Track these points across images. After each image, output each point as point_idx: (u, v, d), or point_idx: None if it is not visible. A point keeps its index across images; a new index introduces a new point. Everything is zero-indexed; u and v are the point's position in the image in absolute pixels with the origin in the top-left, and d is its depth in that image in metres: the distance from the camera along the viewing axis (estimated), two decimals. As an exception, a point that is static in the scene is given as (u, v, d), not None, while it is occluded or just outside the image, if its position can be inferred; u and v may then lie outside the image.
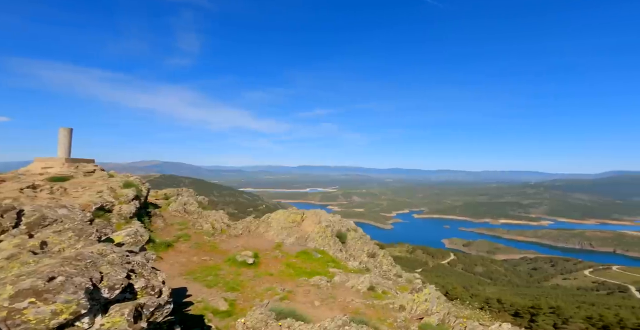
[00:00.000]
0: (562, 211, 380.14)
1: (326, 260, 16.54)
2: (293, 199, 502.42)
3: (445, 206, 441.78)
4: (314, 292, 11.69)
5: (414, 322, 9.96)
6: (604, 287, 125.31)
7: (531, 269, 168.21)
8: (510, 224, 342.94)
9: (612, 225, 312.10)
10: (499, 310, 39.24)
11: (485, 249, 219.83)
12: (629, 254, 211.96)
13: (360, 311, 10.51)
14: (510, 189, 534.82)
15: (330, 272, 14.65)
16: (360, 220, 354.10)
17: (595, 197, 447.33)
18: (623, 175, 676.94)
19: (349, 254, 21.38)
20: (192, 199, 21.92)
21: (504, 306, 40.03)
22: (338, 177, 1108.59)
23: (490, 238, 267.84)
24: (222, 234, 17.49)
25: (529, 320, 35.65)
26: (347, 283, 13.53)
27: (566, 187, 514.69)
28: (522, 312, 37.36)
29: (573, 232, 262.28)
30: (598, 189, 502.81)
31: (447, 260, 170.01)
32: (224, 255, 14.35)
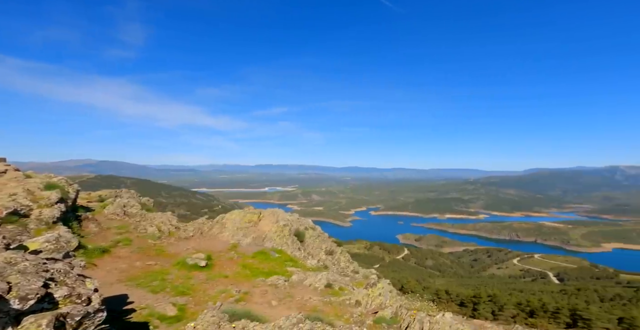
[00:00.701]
0: (495, 205, 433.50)
1: (284, 259, 16.41)
2: (251, 199, 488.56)
3: (399, 203, 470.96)
4: (271, 292, 11.52)
5: (369, 316, 10.31)
6: (529, 274, 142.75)
7: (472, 260, 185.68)
8: (454, 219, 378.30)
9: (533, 217, 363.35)
10: (447, 300, 43.15)
11: (434, 243, 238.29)
12: (547, 243, 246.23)
13: (318, 309, 10.60)
14: (454, 185, 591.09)
15: (288, 272, 14.56)
16: (319, 219, 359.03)
17: (521, 192, 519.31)
18: (542, 172, 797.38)
19: (307, 252, 21.52)
20: (134, 200, 19.88)
21: (451, 297, 44.02)
22: (297, 176, 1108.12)
23: (438, 232, 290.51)
24: (170, 237, 16.20)
25: (472, 309, 39.74)
26: (305, 281, 13.59)
27: (499, 183, 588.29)
28: (466, 302, 41.50)
29: (504, 224, 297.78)
30: (523, 185, 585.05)
31: (402, 255, 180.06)
32: (172, 259, 13.33)
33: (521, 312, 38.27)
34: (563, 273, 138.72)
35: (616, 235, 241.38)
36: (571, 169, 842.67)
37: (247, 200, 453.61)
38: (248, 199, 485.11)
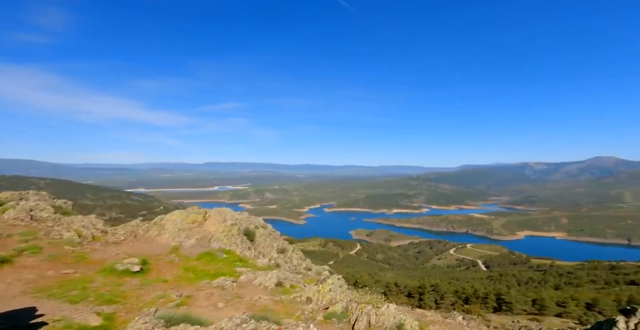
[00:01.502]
0: (435, 199, 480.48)
1: (233, 259, 15.66)
2: (199, 199, 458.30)
3: (351, 199, 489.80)
4: (217, 294, 10.91)
5: (320, 312, 10.41)
6: (463, 263, 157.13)
7: (417, 252, 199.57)
8: (400, 213, 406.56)
9: (465, 210, 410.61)
10: (397, 292, 46.27)
11: (384, 238, 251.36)
12: (475, 233, 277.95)
13: (268, 308, 10.42)
14: (400, 181, 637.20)
15: (237, 272, 13.96)
16: (273, 218, 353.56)
17: (454, 186, 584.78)
18: (470, 168, 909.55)
19: (258, 251, 20.95)
20: (45, 203, 16.87)
21: (400, 288, 47.38)
22: (249, 174, 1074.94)
23: (386, 227, 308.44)
24: (94, 242, 14.15)
25: (418, 299, 43.28)
26: (254, 281, 13.19)
27: (437, 179, 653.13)
28: (413, 293, 45.10)
29: (441, 217, 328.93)
30: (456, 180, 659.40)
31: (355, 250, 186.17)
32: (97, 266, 11.69)
33: (458, 299, 42.63)
34: (489, 261, 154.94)
35: (527, 224, 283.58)
36: (491, 165, 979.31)
37: (195, 200, 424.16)
38: (195, 198, 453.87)
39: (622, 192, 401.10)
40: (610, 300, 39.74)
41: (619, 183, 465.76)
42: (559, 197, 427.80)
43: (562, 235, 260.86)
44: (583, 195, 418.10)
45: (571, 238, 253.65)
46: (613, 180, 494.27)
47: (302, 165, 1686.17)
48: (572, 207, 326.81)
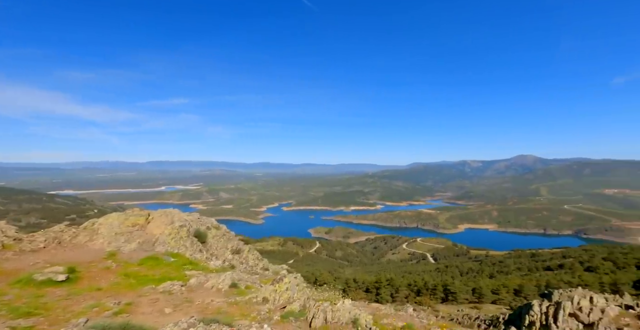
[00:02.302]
0: (388, 196, 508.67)
1: (182, 263, 14.63)
2: (143, 200, 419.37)
3: (309, 198, 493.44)
4: (164, 300, 10.12)
5: (277, 312, 10.41)
6: (414, 257, 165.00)
7: (373, 248, 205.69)
8: (357, 210, 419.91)
9: (415, 206, 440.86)
10: (355, 288, 47.79)
11: (342, 235, 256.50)
12: (424, 228, 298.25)
13: (222, 310, 10.07)
14: (356, 179, 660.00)
15: (187, 276, 13.10)
16: (229, 218, 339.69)
17: (406, 183, 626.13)
18: (421, 166, 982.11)
19: (211, 253, 19.91)
20: None
21: (359, 284, 49.06)
22: (202, 173, 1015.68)
23: (344, 224, 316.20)
24: (5, 251, 11.98)
25: (375, 294, 45.18)
26: (206, 284, 12.57)
27: (390, 176, 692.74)
28: (370, 288, 46.95)
29: (394, 213, 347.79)
30: (407, 177, 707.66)
31: (314, 248, 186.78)
32: (10, 277, 9.94)
33: (411, 292, 45.45)
34: (436, 253, 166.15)
35: (466, 218, 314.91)
36: (437, 163, 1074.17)
37: (138, 201, 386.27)
38: (139, 200, 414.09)
39: (539, 186, 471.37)
40: (533, 286, 45.08)
41: (537, 179, 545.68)
42: (491, 192, 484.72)
43: (493, 227, 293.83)
44: (509, 190, 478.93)
45: (500, 229, 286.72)
46: (532, 176, 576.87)
47: (259, 164, 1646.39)
48: (501, 201, 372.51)
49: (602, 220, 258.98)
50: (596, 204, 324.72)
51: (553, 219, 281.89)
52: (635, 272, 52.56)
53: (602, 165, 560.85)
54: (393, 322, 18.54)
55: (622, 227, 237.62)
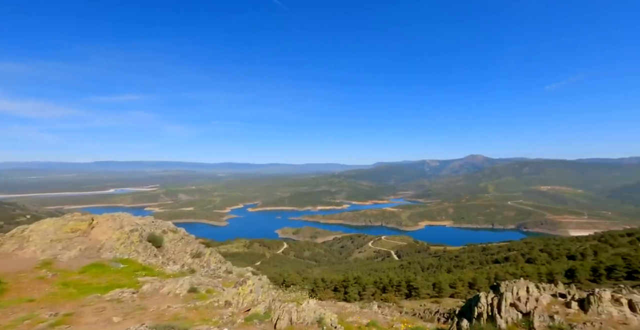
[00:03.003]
0: (354, 195, 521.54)
1: (133, 269, 13.49)
2: (87, 204, 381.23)
3: (276, 198, 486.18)
4: (112, 308, 9.30)
5: (240, 315, 10.21)
6: (380, 255, 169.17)
7: (340, 247, 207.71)
8: (324, 210, 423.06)
9: (379, 204, 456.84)
10: (324, 288, 47.92)
11: (310, 235, 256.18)
12: (388, 226, 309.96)
13: (180, 316, 9.57)
14: (323, 179, 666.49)
15: (139, 282, 12.12)
16: (190, 220, 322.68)
17: (371, 183, 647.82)
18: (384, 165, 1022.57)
19: (168, 258, 18.66)
20: None
21: (327, 284, 49.23)
22: (158, 173, 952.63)
23: (312, 224, 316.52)
24: None
25: (343, 293, 45.78)
26: (162, 290, 11.79)
27: (356, 176, 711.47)
28: (339, 287, 47.39)
29: (360, 212, 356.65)
30: (372, 177, 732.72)
31: (282, 249, 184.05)
32: None
33: (377, 289, 46.73)
34: (400, 250, 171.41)
35: (426, 215, 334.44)
36: (400, 163, 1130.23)
37: (81, 205, 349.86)
38: (82, 204, 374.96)
39: (487, 184, 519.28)
40: (484, 279, 48.55)
41: (485, 177, 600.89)
42: (447, 190, 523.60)
43: (450, 224, 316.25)
44: (463, 188, 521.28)
45: (456, 225, 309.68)
46: (481, 175, 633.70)
47: (222, 164, 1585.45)
48: (455, 199, 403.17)
49: (538, 215, 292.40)
50: (533, 200, 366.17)
51: (499, 215, 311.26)
52: (566, 262, 58.87)
53: (537, 164, 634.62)
54: (358, 320, 19.08)
55: (554, 221, 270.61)
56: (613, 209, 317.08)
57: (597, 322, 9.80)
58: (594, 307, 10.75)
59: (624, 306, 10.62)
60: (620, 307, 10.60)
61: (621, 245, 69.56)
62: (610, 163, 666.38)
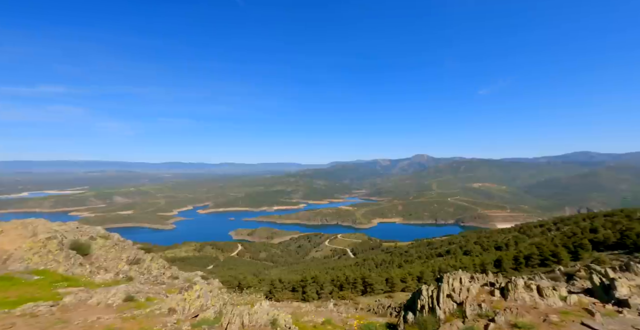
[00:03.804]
0: (310, 195, 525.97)
1: (52, 280, 11.61)
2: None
3: (229, 199, 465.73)
4: (25, 324, 8.06)
5: (187, 321, 9.77)
6: (336, 253, 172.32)
7: (297, 247, 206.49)
8: (281, 210, 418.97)
9: (335, 203, 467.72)
10: (282, 288, 46.93)
11: (266, 235, 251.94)
12: (344, 224, 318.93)
13: (114, 327, 8.84)
14: (279, 178, 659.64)
15: (60, 294, 10.49)
16: (128, 225, 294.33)
17: (327, 182, 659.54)
18: (340, 165, 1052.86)
19: (98, 266, 16.53)
20: None
21: (285, 284, 48.30)
22: (88, 175, 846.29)
23: (268, 224, 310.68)
24: None
25: (302, 293, 45.29)
26: (90, 300, 10.47)
27: (312, 175, 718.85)
28: (296, 287, 46.66)
29: (316, 211, 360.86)
30: (328, 176, 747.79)
31: (236, 251, 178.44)
32: None
33: (335, 287, 47.19)
34: (355, 248, 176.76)
35: (378, 213, 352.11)
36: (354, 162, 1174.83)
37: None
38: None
39: (431, 182, 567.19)
40: (430, 272, 51.45)
41: (429, 175, 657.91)
42: (397, 188, 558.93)
43: (400, 220, 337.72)
44: (411, 186, 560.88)
45: (405, 222, 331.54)
46: (426, 173, 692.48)
47: (169, 164, 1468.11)
48: (404, 196, 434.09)
49: (472, 210, 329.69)
50: (468, 196, 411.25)
51: (441, 211, 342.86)
52: (495, 253, 65.07)
53: (471, 163, 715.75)
54: (314, 319, 19.28)
55: (485, 215, 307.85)
56: (529, 203, 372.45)
57: (514, 308, 10.89)
58: (511, 294, 12.00)
59: (534, 292, 12.04)
60: (531, 293, 12.00)
61: (535, 235, 78.63)
62: (527, 162, 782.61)
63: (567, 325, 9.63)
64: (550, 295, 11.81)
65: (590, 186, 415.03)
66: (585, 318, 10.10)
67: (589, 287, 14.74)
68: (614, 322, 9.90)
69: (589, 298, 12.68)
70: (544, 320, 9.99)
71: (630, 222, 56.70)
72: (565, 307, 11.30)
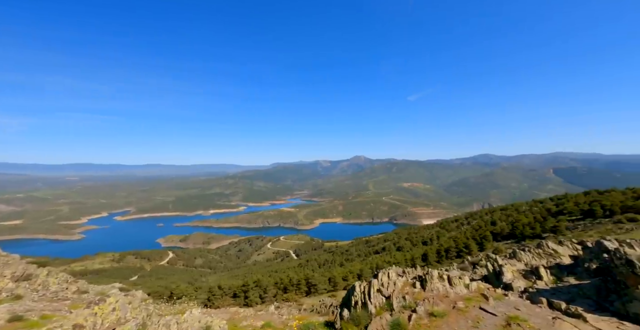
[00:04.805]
0: (251, 197, 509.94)
1: None
2: None
3: (156, 203, 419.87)
4: None
5: None
6: (279, 255, 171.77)
7: (237, 251, 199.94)
8: (218, 213, 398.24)
9: (277, 205, 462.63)
10: (221, 295, 43.82)
11: (202, 241, 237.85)
12: (286, 226, 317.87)
13: None
14: (216, 180, 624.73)
15: None
16: (16, 237, 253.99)
17: (268, 183, 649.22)
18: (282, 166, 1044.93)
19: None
20: None
21: (224, 290, 45.25)
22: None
23: (204, 229, 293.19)
24: None
25: (244, 298, 43.34)
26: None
27: (252, 176, 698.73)
28: (238, 292, 44.41)
29: (257, 213, 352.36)
30: (269, 177, 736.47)
31: (167, 259, 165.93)
32: None
33: (279, 290, 46.51)
34: (298, 249, 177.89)
35: (320, 213, 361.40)
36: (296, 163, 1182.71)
37: None
38: None
39: (368, 182, 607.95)
40: (368, 269, 54.34)
41: (366, 176, 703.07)
42: (337, 188, 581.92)
43: (340, 220, 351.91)
44: (350, 186, 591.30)
45: (345, 221, 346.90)
46: (363, 174, 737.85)
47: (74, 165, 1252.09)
48: (344, 196, 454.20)
49: (403, 208, 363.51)
50: (400, 195, 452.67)
51: (377, 210, 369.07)
52: (422, 248, 71.74)
53: (402, 164, 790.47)
54: (252, 323, 18.65)
55: (414, 212, 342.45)
56: (447, 200, 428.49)
57: (431, 298, 12.04)
58: (428, 285, 13.18)
59: (446, 282, 13.39)
60: (443, 282, 13.32)
61: (452, 229, 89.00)
62: (445, 163, 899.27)
63: (469, 310, 10.95)
64: (457, 283, 13.22)
65: (490, 184, 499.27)
66: (482, 303, 11.60)
67: (486, 274, 16.61)
68: (502, 304, 11.53)
69: (485, 284, 14.36)
70: (453, 307, 11.19)
71: (519, 215, 70.04)
72: (469, 293, 12.73)
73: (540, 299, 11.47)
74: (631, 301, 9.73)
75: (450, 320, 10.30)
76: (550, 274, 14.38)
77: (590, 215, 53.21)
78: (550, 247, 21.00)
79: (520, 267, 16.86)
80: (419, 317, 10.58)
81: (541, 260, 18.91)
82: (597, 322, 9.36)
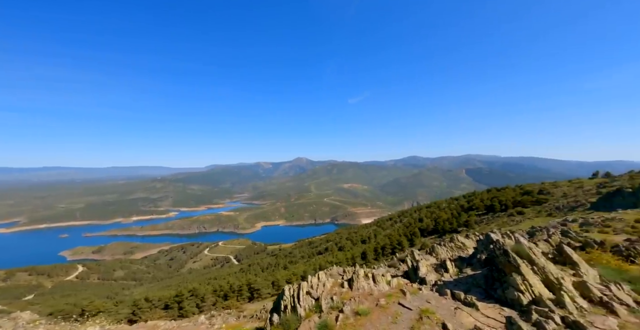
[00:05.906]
0: (183, 201, 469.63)
1: None
2: None
3: (57, 212, 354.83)
4: None
5: None
6: (218, 261, 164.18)
7: (169, 259, 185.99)
8: (143, 220, 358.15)
9: (214, 209, 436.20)
10: (150, 308, 39.03)
11: (122, 251, 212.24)
12: (225, 230, 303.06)
13: None
14: (140, 184, 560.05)
15: None
16: None
17: (203, 187, 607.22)
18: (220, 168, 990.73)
19: None
20: None
21: (153, 303, 40.50)
22: None
23: (125, 238, 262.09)
24: None
25: (178, 309, 39.42)
26: None
27: (185, 179, 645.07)
28: (170, 303, 40.31)
29: (192, 219, 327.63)
30: (205, 180, 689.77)
31: (75, 274, 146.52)
32: None
33: (218, 298, 43.83)
34: (239, 254, 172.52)
35: (262, 216, 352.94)
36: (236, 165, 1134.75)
37: None
38: None
39: (310, 184, 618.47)
40: (312, 270, 55.12)
41: (308, 177, 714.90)
42: (279, 190, 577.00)
43: (283, 222, 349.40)
44: (292, 188, 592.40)
45: (288, 223, 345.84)
46: (305, 176, 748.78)
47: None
48: (286, 198, 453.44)
49: (344, 208, 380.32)
50: (340, 196, 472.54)
51: (319, 211, 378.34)
52: (361, 246, 75.05)
53: (342, 165, 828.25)
54: None
55: (353, 212, 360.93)
56: (383, 200, 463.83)
57: (357, 297, 12.19)
58: (355, 284, 13.36)
59: (370, 280, 13.73)
60: (368, 281, 13.60)
61: (387, 227, 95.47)
62: (381, 164, 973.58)
63: (390, 306, 11.46)
64: (380, 281, 13.75)
65: (418, 184, 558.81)
66: (400, 298, 11.98)
67: (406, 270, 17.24)
68: (417, 298, 12.11)
69: (404, 280, 15.03)
70: (376, 305, 11.64)
71: (440, 212, 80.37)
72: (390, 290, 13.24)
73: (445, 290, 12.48)
74: (508, 288, 10.82)
75: (373, 318, 10.69)
76: (455, 266, 15.68)
77: (492, 210, 64.36)
78: (460, 240, 23.39)
79: (434, 262, 17.94)
80: (345, 317, 10.78)
81: (453, 253, 20.26)
82: (485, 310, 10.44)
